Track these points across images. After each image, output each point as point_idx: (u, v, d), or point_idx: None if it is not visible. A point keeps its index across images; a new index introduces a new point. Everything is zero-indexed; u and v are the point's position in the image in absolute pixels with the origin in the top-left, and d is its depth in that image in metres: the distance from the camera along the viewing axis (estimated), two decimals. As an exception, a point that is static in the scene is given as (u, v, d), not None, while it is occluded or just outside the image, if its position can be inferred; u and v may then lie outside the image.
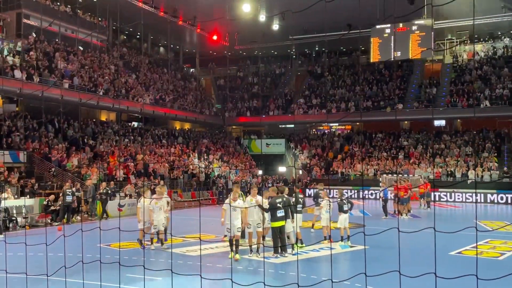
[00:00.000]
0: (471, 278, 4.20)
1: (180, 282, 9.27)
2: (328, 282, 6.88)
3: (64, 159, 25.77)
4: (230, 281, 7.36)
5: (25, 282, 5.29)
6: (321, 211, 14.22)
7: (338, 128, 46.48)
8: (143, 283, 5.18)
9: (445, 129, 41.00)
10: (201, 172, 33.73)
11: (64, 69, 30.85)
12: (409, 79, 43.46)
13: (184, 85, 45.04)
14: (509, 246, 13.76)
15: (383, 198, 21.65)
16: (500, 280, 8.39)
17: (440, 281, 3.60)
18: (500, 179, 32.27)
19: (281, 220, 11.61)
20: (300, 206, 13.05)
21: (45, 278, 4.96)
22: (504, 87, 37.73)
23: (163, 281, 9.37)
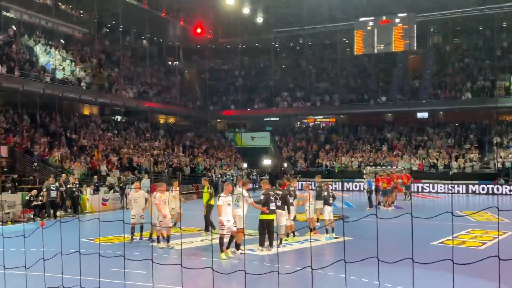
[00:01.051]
0: (451, 267, 4.26)
1: (163, 275, 9.27)
2: (310, 271, 6.93)
3: (46, 153, 25.46)
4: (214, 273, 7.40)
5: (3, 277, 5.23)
6: (305, 203, 14.25)
7: (322, 121, 46.65)
8: (123, 275, 5.14)
9: (428, 121, 41.42)
10: (186, 166, 33.59)
11: (46, 63, 30.41)
12: (392, 71, 43.76)
13: (168, 78, 44.72)
14: (490, 235, 13.93)
15: (368, 190, 21.76)
16: (480, 269, 8.57)
17: (422, 270, 3.63)
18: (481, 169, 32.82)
19: (272, 213, 11.46)
20: (292, 198, 12.99)
21: (23, 272, 4.89)
22: (485, 79, 38.23)
23: (146, 275, 9.30)
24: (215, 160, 37.40)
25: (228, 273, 8.49)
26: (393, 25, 36.89)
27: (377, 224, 3.92)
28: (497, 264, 3.25)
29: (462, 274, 8.89)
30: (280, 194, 11.96)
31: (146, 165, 30.29)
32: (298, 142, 43.01)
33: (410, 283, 7.76)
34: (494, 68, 39.05)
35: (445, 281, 8.43)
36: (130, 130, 35.54)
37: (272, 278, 8.38)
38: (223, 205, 10.69)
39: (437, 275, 8.07)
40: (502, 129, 36.83)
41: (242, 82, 48.44)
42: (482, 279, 8.56)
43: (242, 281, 8.97)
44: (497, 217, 17.84)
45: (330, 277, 8.95)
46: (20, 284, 5.75)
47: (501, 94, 36.48)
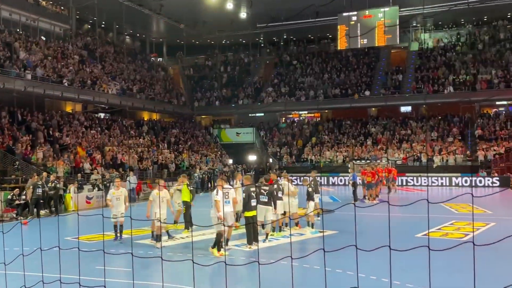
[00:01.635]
0: (433, 257, 4.30)
1: (146, 273, 9.22)
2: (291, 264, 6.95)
3: (29, 152, 25.09)
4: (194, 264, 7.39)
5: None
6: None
7: (307, 116, 46.78)
8: (103, 271, 5.10)
9: (411, 115, 41.77)
10: (171, 162, 33.43)
11: (26, 60, 29.96)
12: (376, 66, 44.04)
13: (152, 75, 44.40)
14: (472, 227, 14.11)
15: (352, 183, 21.80)
16: (463, 258, 8.70)
17: (405, 262, 3.65)
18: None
19: (255, 209, 11.37)
20: (281, 193, 12.94)
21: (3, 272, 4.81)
22: (467, 73, 38.67)
23: (131, 272, 9.22)
24: (200, 157, 37.28)
25: (208, 265, 8.51)
26: (376, 20, 37.07)
27: (355, 214, 3.94)
28: (477, 254, 3.29)
29: (444, 263, 9.04)
30: (267, 190, 11.86)
31: (131, 163, 30.04)
32: (283, 137, 43.07)
33: (393, 272, 7.84)
34: (476, 61, 39.53)
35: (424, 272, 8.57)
36: (114, 127, 35.20)
37: (255, 270, 8.40)
38: (220, 200, 10.57)
39: (419, 266, 8.11)
40: (484, 122, 37.32)
41: (227, 78, 48.32)
42: (463, 271, 8.66)
43: (223, 273, 9.07)
44: (479, 209, 18.24)
45: (315, 270, 8.99)
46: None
47: (482, 88, 36.94)
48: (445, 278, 8.28)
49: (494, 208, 18.35)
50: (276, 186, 12.72)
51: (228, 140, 44.40)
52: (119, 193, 12.84)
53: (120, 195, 12.79)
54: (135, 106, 38.22)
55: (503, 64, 38.32)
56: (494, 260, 9.37)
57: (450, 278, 8.39)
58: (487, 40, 41.49)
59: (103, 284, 4.65)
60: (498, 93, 36.65)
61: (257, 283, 5.27)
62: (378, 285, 7.87)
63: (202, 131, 45.28)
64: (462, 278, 8.23)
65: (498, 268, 9.16)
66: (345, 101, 40.67)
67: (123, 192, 12.96)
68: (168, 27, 43.78)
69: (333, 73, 44.18)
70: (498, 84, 36.62)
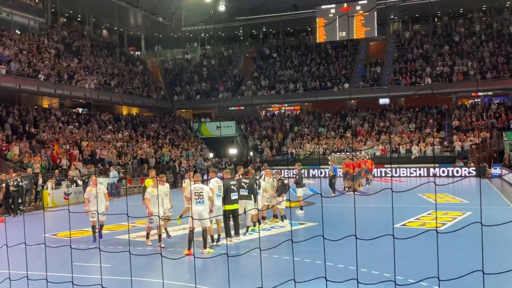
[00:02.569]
0: (405, 246, 4.34)
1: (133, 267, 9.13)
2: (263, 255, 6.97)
3: (4, 148, 24.63)
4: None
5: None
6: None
7: (287, 109, 46.88)
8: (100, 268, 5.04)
9: (390, 107, 42.19)
10: (151, 157, 33.17)
11: (0, 54, 29.32)
12: (355, 58, 44.30)
13: (130, 68, 43.89)
14: (449, 216, 14.32)
15: (332, 175, 21.73)
16: (440, 248, 8.84)
17: (378, 250, 3.73)
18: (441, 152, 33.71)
19: (235, 203, 11.27)
20: (257, 187, 12.80)
21: None
22: (444, 65, 39.17)
23: (116, 267, 9.17)
24: (180, 151, 37.07)
25: (177, 258, 8.55)
26: (354, 12, 37.30)
27: (322, 203, 4.22)
28: (453, 242, 3.36)
29: (424, 253, 9.19)
30: (247, 183, 11.77)
31: (110, 158, 29.72)
32: (263, 130, 43.09)
33: (360, 261, 7.93)
34: (452, 53, 40.07)
35: (390, 260, 8.70)
36: (92, 122, 34.74)
37: (225, 262, 8.45)
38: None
39: (387, 254, 8.20)
40: (460, 113, 37.91)
41: (206, 72, 48.06)
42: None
43: (196, 266, 9.00)
44: (457, 198, 18.57)
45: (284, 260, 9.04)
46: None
47: (459, 79, 37.48)
48: (414, 266, 8.35)
49: (471, 198, 18.68)
50: (253, 180, 12.56)
51: (208, 134, 44.23)
52: (96, 190, 11.80)
53: (98, 192, 11.72)
54: (113, 101, 37.72)
55: (479, 55, 38.92)
56: (463, 248, 9.58)
57: (417, 265, 8.49)
58: (463, 32, 42.06)
59: (99, 283, 4.63)
60: (474, 85, 37.25)
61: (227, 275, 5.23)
62: (345, 273, 7.94)
63: (182, 125, 45.01)
64: (430, 266, 8.34)
65: (465, 255, 9.33)
66: (325, 94, 40.83)
67: (102, 189, 11.99)
68: (146, 20, 43.28)
69: (312, 66, 44.30)
70: (474, 76, 37.20)
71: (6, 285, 4.88)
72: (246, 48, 50.32)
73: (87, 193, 11.81)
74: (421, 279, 4.53)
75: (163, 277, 5.82)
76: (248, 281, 7.82)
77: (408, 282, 6.25)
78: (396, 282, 3.77)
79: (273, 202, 13.73)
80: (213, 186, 10.62)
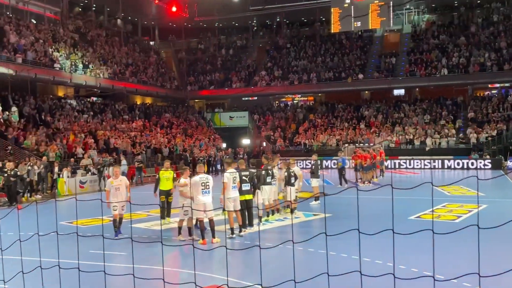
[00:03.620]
0: (428, 239, 4.32)
1: (144, 257, 9.27)
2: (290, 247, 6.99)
3: (21, 136, 24.95)
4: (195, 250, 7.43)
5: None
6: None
7: (300, 99, 46.71)
8: (103, 257, 5.05)
9: (404, 98, 41.81)
10: (164, 146, 33.34)
11: (17, 44, 29.57)
12: (369, 49, 43.87)
13: (144, 58, 44.02)
14: (465, 209, 14.18)
15: (340, 167, 21.20)
16: (455, 241, 8.78)
17: (400, 242, 3.67)
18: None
19: (247, 193, 11.27)
20: (270, 178, 12.79)
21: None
22: (460, 56, 38.64)
23: (127, 256, 9.26)
24: (193, 141, 37.20)
25: (209, 250, 8.54)
26: (369, 2, 36.89)
27: (357, 196, 3.92)
28: (474, 235, 3.33)
29: (437, 246, 9.12)
30: (248, 175, 11.45)
31: (124, 147, 29.94)
32: (276, 121, 43.03)
33: (387, 256, 7.83)
34: (469, 44, 39.49)
35: (422, 254, 8.62)
36: (107, 111, 34.98)
37: (254, 254, 8.39)
38: (229, 182, 10.55)
39: (419, 249, 8.16)
40: (476, 105, 37.45)
41: (220, 62, 48.00)
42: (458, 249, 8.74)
43: (223, 257, 9.04)
44: (472, 191, 18.36)
45: (311, 251, 9.06)
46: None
47: (475, 71, 36.98)
48: (449, 261, 8.12)
49: (486, 190, 18.49)
50: (265, 171, 12.60)
51: (221, 124, 44.28)
52: (118, 182, 11.24)
53: (120, 184, 11.22)
54: (127, 90, 37.95)
55: (496, 46, 38.30)
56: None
57: (452, 260, 8.31)
58: (481, 22, 41.39)
59: (103, 269, 4.60)
60: (490, 76, 36.76)
61: (258, 267, 5.20)
62: (384, 269, 7.91)
63: (195, 115, 45.12)
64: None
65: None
66: (339, 85, 40.58)
67: (124, 181, 11.42)
68: (160, 10, 43.28)
69: (326, 57, 44.01)
70: (491, 67, 36.67)
71: (37, 274, 4.82)
72: (259, 38, 50.07)
73: (108, 185, 11.32)
74: (459, 275, 4.37)
75: (195, 268, 5.80)
76: (277, 273, 7.73)
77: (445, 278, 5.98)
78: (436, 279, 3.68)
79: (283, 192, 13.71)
80: (227, 180, 10.55)
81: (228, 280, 4.96)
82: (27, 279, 5.09)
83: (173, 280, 6.74)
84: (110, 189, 11.13)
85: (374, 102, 41.82)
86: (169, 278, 6.52)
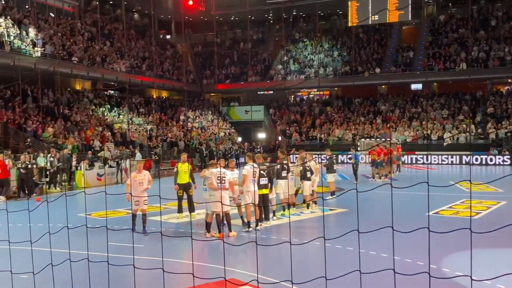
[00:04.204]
0: (454, 236, 4.40)
1: (169, 249, 9.32)
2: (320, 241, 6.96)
3: (40, 129, 25.26)
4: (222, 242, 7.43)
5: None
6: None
7: (316, 93, 46.45)
8: (132, 250, 5.02)
9: (422, 93, 41.32)
10: (179, 140, 33.49)
11: (36, 37, 29.88)
12: (387, 43, 43.38)
13: (160, 52, 44.18)
14: (484, 205, 13.98)
15: (354, 163, 21.00)
16: (474, 238, 8.64)
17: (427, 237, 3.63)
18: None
19: (265, 188, 11.35)
20: (285, 172, 12.78)
21: (29, 247, 4.81)
22: (480, 50, 38.02)
23: (149, 247, 9.37)
24: (209, 134, 37.29)
25: (240, 245, 8.51)
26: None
27: (392, 192, 3.87)
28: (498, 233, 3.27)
29: (455, 243, 9.01)
30: (265, 169, 11.46)
31: (140, 140, 30.14)
32: (292, 115, 42.90)
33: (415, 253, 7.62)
34: (489, 38, 38.80)
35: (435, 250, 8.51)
36: (123, 105, 35.24)
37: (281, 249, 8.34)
38: (249, 175, 10.62)
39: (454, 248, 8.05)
40: (495, 100, 36.86)
41: (236, 55, 47.95)
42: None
43: (246, 252, 8.99)
44: (490, 187, 18.10)
45: (337, 250, 9.01)
46: (26, 259, 5.58)
47: (495, 65, 36.37)
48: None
49: (505, 186, 18.22)
50: (280, 166, 12.59)
51: (237, 118, 44.26)
52: (141, 177, 10.96)
53: (143, 179, 10.94)
54: (144, 84, 38.15)
55: (516, 40, 37.59)
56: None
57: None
58: (501, 16, 40.61)
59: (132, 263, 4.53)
60: (511, 71, 36.11)
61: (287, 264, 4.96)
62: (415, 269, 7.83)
63: (211, 109, 45.21)
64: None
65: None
66: (355, 79, 40.26)
67: (147, 176, 11.10)
68: (176, 3, 43.32)
69: (343, 50, 43.67)
70: (511, 61, 36.02)
71: (66, 267, 4.82)
72: (276, 32, 49.84)
73: (132, 179, 11.03)
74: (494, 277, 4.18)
75: (225, 262, 5.73)
76: (304, 269, 7.73)
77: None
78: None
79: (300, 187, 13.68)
80: (247, 172, 10.62)
81: (252, 276, 4.85)
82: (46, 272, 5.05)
83: (199, 275, 6.71)
84: (132, 184, 10.88)
85: (391, 96, 41.43)
86: (197, 272, 6.53)
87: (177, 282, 7.05)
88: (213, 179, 10.07)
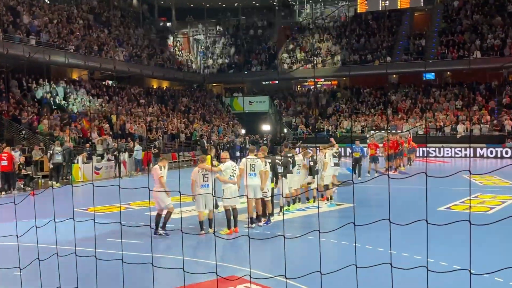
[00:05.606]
0: (460, 231, 4.29)
1: (164, 243, 9.29)
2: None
3: (35, 120, 24.08)
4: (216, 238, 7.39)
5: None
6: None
7: (324, 83, 45.01)
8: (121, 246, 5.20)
9: (435, 82, 40.03)
10: (181, 132, 32.25)
11: (30, 25, 28.57)
12: (398, 30, 41.91)
13: (160, 40, 42.83)
14: (498, 200, 13.56)
15: (358, 157, 19.68)
16: (489, 234, 8.36)
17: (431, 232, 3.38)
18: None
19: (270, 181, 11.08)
20: (291, 165, 12.30)
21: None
22: (495, 37, 36.51)
23: (144, 244, 8.79)
24: (211, 126, 35.98)
25: (232, 238, 8.68)
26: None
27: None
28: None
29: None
30: (270, 163, 11.13)
31: (140, 132, 28.97)
32: (298, 106, 41.56)
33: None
34: (505, 25, 37.22)
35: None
36: (122, 95, 33.97)
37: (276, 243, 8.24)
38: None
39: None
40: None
41: (239, 44, 46.50)
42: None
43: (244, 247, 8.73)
44: (505, 181, 17.15)
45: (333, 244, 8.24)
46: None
47: (511, 53, 34.87)
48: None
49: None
50: (285, 159, 12.10)
51: (240, 109, 42.92)
52: (165, 173, 9.98)
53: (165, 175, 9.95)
54: (143, 73, 36.86)
55: (534, 27, 36.08)
56: None
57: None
58: (518, 1, 39.05)
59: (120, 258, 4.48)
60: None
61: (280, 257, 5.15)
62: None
63: (214, 100, 43.85)
64: None
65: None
66: (365, 68, 38.84)
67: (164, 175, 9.99)
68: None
69: (352, 38, 42.17)
70: (528, 49, 34.59)
71: (54, 261, 4.73)
72: (281, 19, 48.30)
73: (160, 174, 9.86)
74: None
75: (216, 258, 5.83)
76: (300, 264, 7.57)
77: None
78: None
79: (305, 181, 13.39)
80: (243, 165, 10.30)
81: (250, 271, 4.64)
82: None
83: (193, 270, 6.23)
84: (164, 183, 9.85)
85: (402, 86, 40.22)
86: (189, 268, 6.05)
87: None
88: (243, 168, 9.96)
